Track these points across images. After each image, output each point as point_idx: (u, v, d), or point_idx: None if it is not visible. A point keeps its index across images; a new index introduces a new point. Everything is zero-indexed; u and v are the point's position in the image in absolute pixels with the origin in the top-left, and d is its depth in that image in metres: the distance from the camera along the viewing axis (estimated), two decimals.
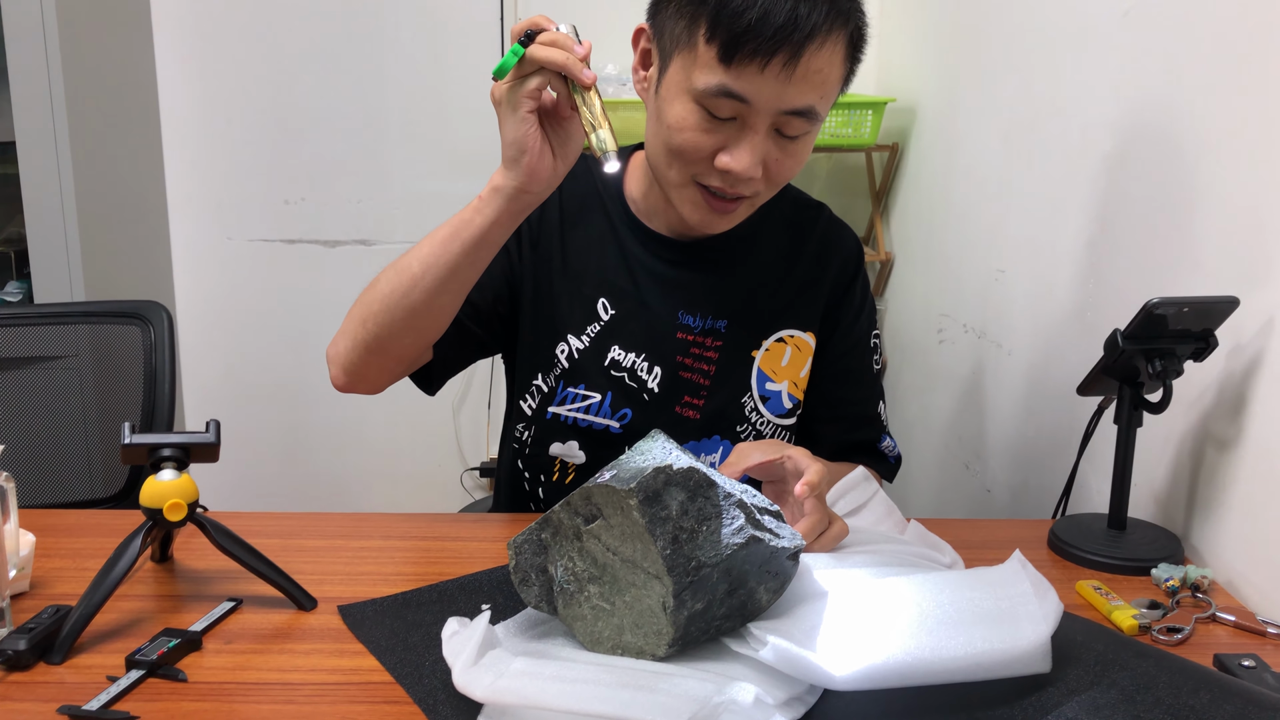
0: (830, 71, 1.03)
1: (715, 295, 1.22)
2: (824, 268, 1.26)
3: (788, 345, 1.24)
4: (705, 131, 1.05)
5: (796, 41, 0.98)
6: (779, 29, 0.98)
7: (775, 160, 1.07)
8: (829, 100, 1.06)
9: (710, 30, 1.00)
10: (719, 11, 0.99)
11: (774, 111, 1.02)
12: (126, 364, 1.64)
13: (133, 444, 0.90)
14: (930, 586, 0.82)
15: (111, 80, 2.29)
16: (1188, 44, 1.16)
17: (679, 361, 1.21)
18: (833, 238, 1.28)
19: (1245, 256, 1.05)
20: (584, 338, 1.21)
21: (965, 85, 1.90)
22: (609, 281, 1.22)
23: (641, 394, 1.21)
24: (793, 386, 1.25)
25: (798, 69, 1.00)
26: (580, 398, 1.21)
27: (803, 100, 1.02)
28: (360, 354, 1.11)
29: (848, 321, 1.28)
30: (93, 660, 0.84)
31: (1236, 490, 1.04)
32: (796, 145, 1.07)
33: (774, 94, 1.01)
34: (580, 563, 0.83)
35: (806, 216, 1.28)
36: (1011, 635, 0.76)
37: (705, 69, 1.02)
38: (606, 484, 0.80)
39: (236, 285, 2.59)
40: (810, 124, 1.05)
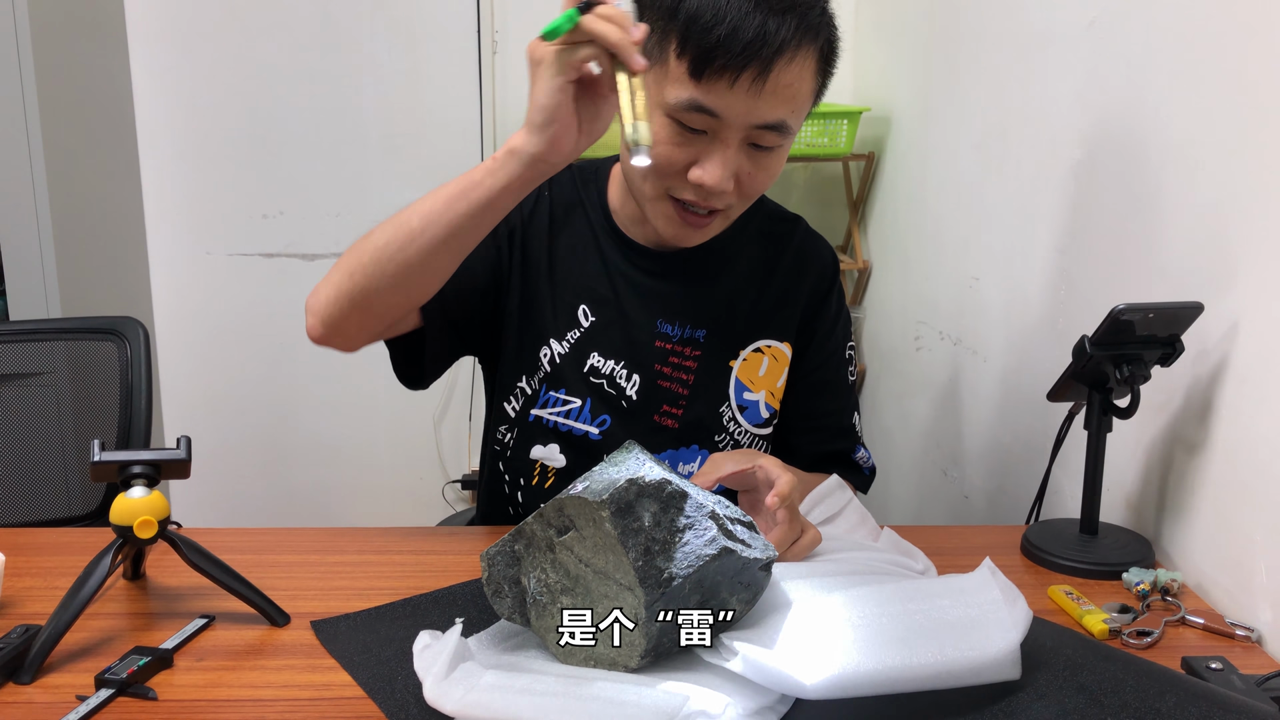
0: (801, 85, 1.03)
1: (694, 305, 1.23)
2: (800, 279, 1.27)
3: (765, 355, 1.25)
4: (677, 145, 1.05)
5: (765, 57, 0.99)
6: (748, 44, 0.98)
7: (748, 174, 1.07)
8: (801, 113, 1.06)
9: (680, 45, 1.01)
10: (688, 27, 1.00)
11: (745, 126, 1.03)
12: (103, 380, 1.64)
13: (102, 462, 0.90)
14: (901, 594, 0.83)
15: (86, 94, 2.29)
16: (1151, 53, 1.18)
17: (657, 370, 1.22)
18: (809, 250, 1.29)
19: (1209, 263, 1.06)
20: (565, 343, 1.22)
21: (938, 95, 1.91)
22: (589, 289, 1.22)
23: (620, 401, 1.22)
24: (770, 396, 1.25)
25: (767, 84, 1.00)
26: (561, 402, 1.22)
27: (773, 114, 1.03)
28: (343, 306, 1.06)
29: (823, 333, 1.28)
30: (62, 680, 0.84)
31: (1205, 493, 1.05)
32: (769, 158, 1.08)
33: (744, 109, 1.02)
34: (553, 574, 0.83)
35: (783, 229, 1.29)
36: (981, 643, 0.77)
37: (676, 84, 1.02)
38: (579, 495, 0.80)
39: (215, 300, 2.58)
40: (782, 137, 1.06)
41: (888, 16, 2.24)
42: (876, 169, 2.29)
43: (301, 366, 2.57)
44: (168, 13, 2.43)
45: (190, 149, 2.50)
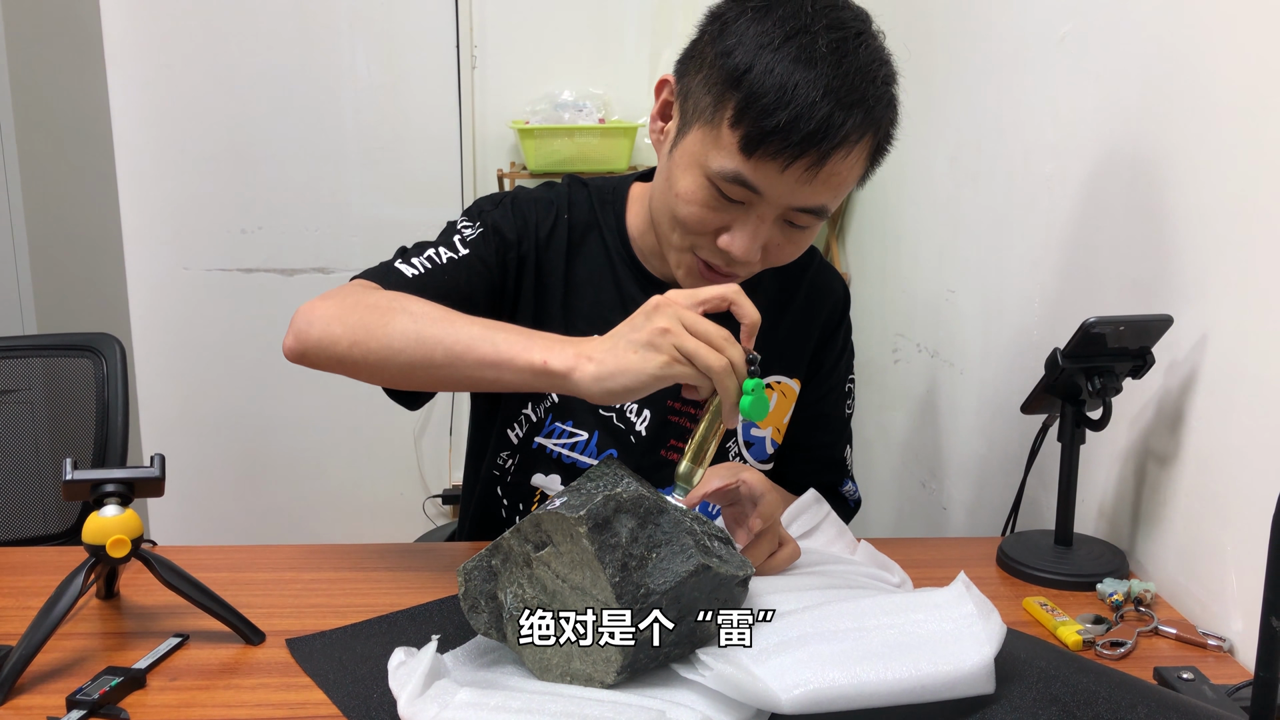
0: (850, 175, 1.01)
1: None
2: (813, 314, 1.26)
3: (774, 391, 1.24)
4: (712, 209, 1.03)
5: (824, 150, 0.95)
6: (808, 135, 0.94)
7: (776, 245, 1.05)
8: (842, 197, 1.04)
9: (736, 117, 0.96)
10: (749, 102, 0.95)
11: (785, 206, 1.01)
12: (79, 397, 1.63)
13: (74, 480, 0.89)
14: (875, 609, 0.83)
15: (63, 108, 2.28)
16: (1120, 68, 1.19)
17: (669, 406, 1.20)
18: (822, 284, 1.28)
19: (1179, 275, 1.07)
20: None
21: (914, 108, 1.92)
22: (604, 318, 1.17)
23: (629, 435, 1.20)
24: (775, 433, 1.26)
25: (820, 175, 0.97)
26: (567, 434, 1.19)
27: (816, 200, 1.01)
28: (330, 359, 1.02)
29: (828, 366, 1.28)
30: (33, 701, 0.83)
31: (1177, 504, 1.06)
32: (802, 235, 1.06)
33: (789, 192, 0.99)
34: (530, 590, 0.83)
35: (798, 262, 1.24)
36: (955, 657, 0.77)
37: (723, 152, 0.99)
38: (556, 511, 0.80)
39: (194, 315, 2.57)
40: (817, 221, 1.04)
41: None
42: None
43: (281, 382, 2.56)
44: (144, 27, 2.43)
45: (168, 163, 2.49)
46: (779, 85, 0.94)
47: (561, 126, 2.31)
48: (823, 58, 0.94)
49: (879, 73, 0.99)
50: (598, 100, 2.45)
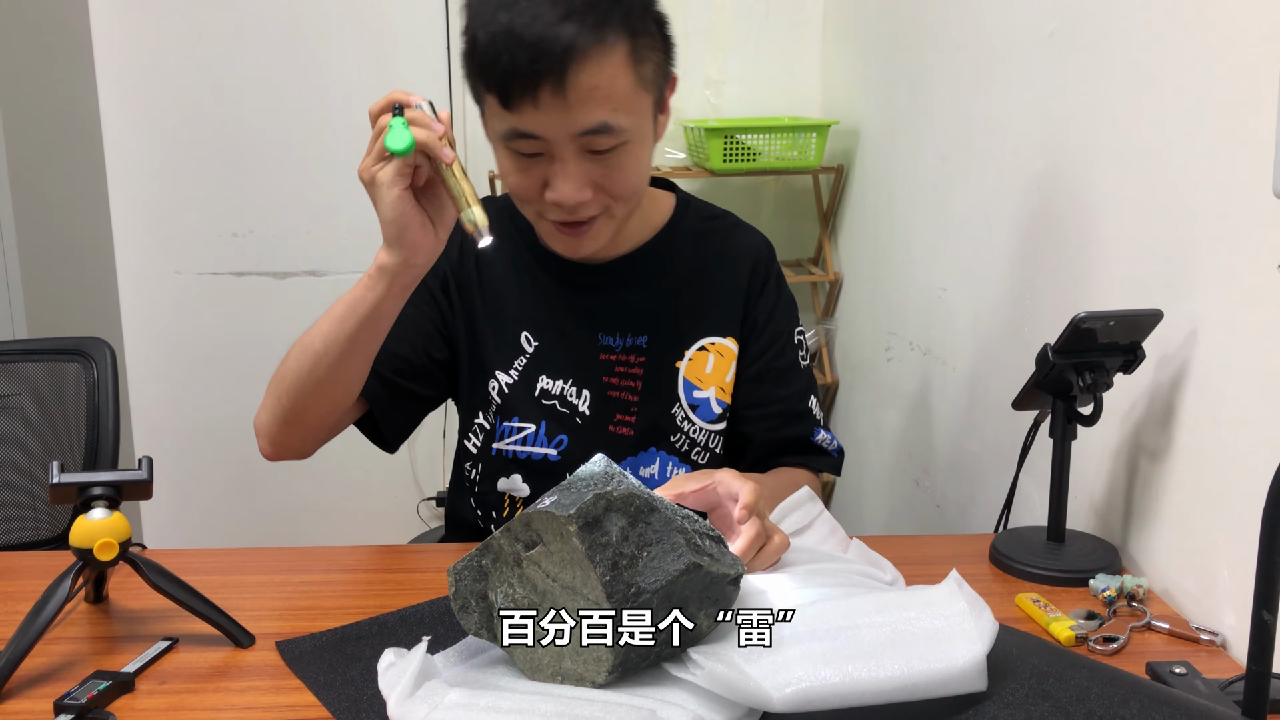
0: (612, 84, 1.02)
1: (632, 313, 1.24)
2: (735, 273, 1.28)
3: (710, 352, 1.26)
4: (524, 171, 1.08)
5: (556, 69, 0.99)
6: (533, 62, 0.99)
7: (603, 176, 1.08)
8: (629, 109, 1.05)
9: (485, 82, 1.04)
10: (479, 63, 1.03)
11: (569, 137, 1.04)
12: (70, 401, 1.62)
13: (61, 484, 0.89)
14: (867, 607, 0.83)
15: (52, 112, 2.27)
16: (1109, 63, 1.19)
17: (606, 382, 1.23)
18: (740, 243, 1.30)
19: (1168, 270, 1.07)
20: (512, 372, 1.24)
21: (904, 107, 1.93)
22: (528, 315, 1.24)
23: (574, 419, 1.23)
24: (720, 391, 1.26)
25: (570, 93, 1.01)
26: (516, 430, 1.24)
27: (590, 120, 1.03)
28: (280, 426, 1.16)
29: (764, 320, 1.28)
30: (21, 706, 0.83)
31: (1169, 499, 1.06)
32: (617, 157, 1.07)
33: (558, 123, 1.02)
34: (520, 589, 0.83)
35: (712, 227, 1.30)
36: (947, 655, 0.77)
37: (496, 117, 1.06)
38: (546, 510, 0.80)
39: (186, 319, 2.56)
40: (616, 137, 1.05)
41: (855, 29, 2.25)
42: (846, 181, 2.31)
43: None
44: (134, 31, 2.42)
45: (158, 167, 2.48)
46: (491, 34, 1.01)
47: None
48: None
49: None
50: None
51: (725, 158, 2.23)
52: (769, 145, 2.25)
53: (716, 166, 2.24)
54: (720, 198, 2.55)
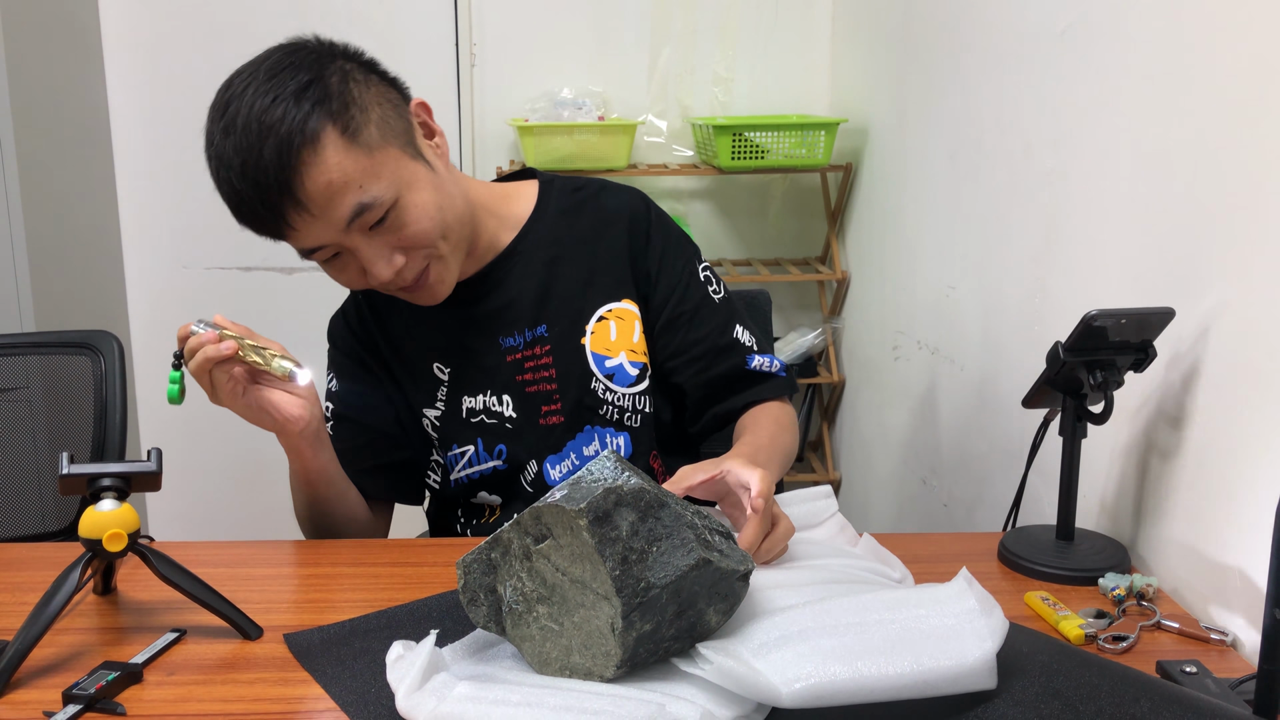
0: (340, 170, 1.02)
1: (524, 307, 1.24)
2: (610, 236, 1.26)
3: (609, 320, 1.25)
4: (340, 272, 1.12)
5: (283, 199, 1.02)
6: (262, 207, 1.02)
7: (399, 239, 1.08)
8: (376, 176, 1.04)
9: (250, 229, 1.09)
10: (236, 218, 1.07)
11: (339, 232, 1.05)
12: (77, 395, 1.62)
13: (70, 474, 0.89)
14: (877, 604, 0.83)
15: (61, 106, 2.27)
16: (1121, 61, 1.19)
17: (521, 381, 1.24)
18: (608, 204, 1.27)
19: (1180, 268, 1.06)
20: (438, 404, 1.26)
21: (914, 105, 1.93)
22: (432, 346, 1.26)
23: (505, 425, 1.24)
24: (631, 354, 1.25)
25: (311, 207, 1.03)
26: (458, 457, 1.26)
27: (345, 211, 1.04)
28: (316, 535, 1.25)
29: (655, 271, 1.26)
30: (29, 696, 0.83)
31: (1179, 498, 1.06)
32: (398, 219, 1.07)
33: (320, 231, 1.05)
34: (529, 583, 0.83)
35: (577, 199, 1.28)
36: (957, 652, 0.76)
37: (284, 247, 1.10)
38: (557, 504, 0.79)
39: (192, 313, 2.52)
40: (382, 206, 1.05)
41: (864, 28, 2.25)
42: (854, 180, 2.31)
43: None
44: (143, 25, 2.42)
45: (167, 161, 2.49)
46: (224, 193, 1.06)
47: (561, 124, 2.31)
48: (223, 135, 1.03)
49: (271, 94, 1.02)
50: (597, 98, 2.45)
51: (733, 155, 2.23)
52: (777, 143, 2.25)
53: (724, 164, 2.23)
54: (728, 195, 2.55)
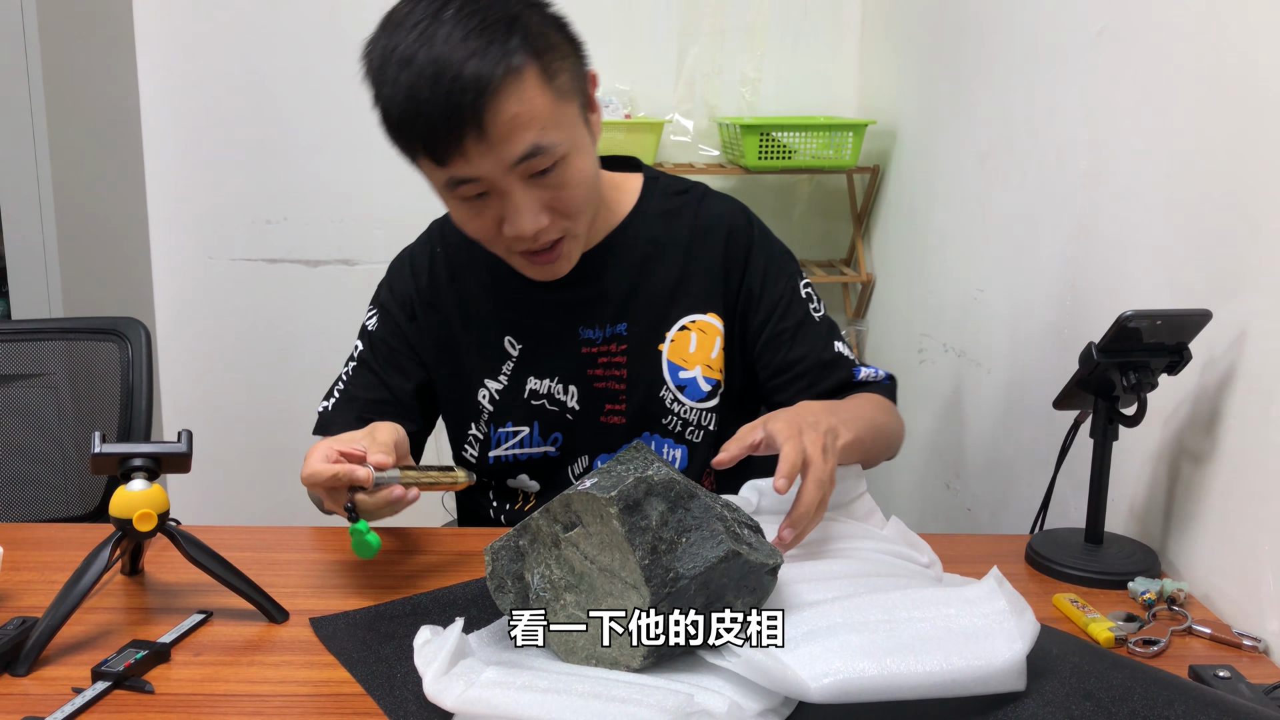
0: (530, 106, 1.00)
1: (609, 302, 1.22)
2: (707, 248, 1.24)
3: (691, 330, 1.23)
4: (477, 214, 1.07)
5: (470, 116, 0.98)
6: (447, 119, 0.98)
7: (552, 198, 1.06)
8: (557, 124, 1.03)
9: (409, 147, 1.04)
10: (399, 131, 1.02)
11: (505, 171, 1.02)
12: (104, 380, 1.63)
13: (103, 454, 0.89)
14: (906, 602, 0.82)
15: (93, 97, 2.29)
16: (1158, 62, 1.18)
17: (591, 375, 1.23)
18: (709, 214, 1.25)
19: (1217, 270, 1.05)
20: (500, 378, 1.24)
21: (943, 107, 1.92)
22: (508, 319, 1.24)
23: (565, 415, 1.23)
24: (706, 369, 1.23)
25: (491, 134, 0.99)
26: (511, 435, 1.24)
27: (520, 149, 1.01)
28: None
29: (758, 288, 1.24)
30: (58, 672, 0.83)
31: (1212, 503, 1.04)
32: (560, 175, 1.05)
33: (491, 163, 1.01)
34: (558, 570, 0.83)
35: (681, 202, 1.26)
36: (987, 653, 0.76)
37: (432, 172, 1.06)
38: (587, 491, 0.79)
39: (217, 304, 2.58)
40: (553, 155, 1.03)
41: (893, 29, 2.24)
42: (881, 181, 2.30)
43: (302, 371, 2.56)
44: (175, 17, 2.44)
45: (195, 153, 2.50)
46: (400, 101, 0.99)
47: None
48: (416, 45, 0.98)
49: (478, 17, 0.98)
50: (624, 96, 2.45)
51: (760, 155, 2.22)
52: (805, 144, 2.24)
53: (751, 164, 2.23)
54: (754, 196, 2.54)
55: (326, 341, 2.57)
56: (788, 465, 0.92)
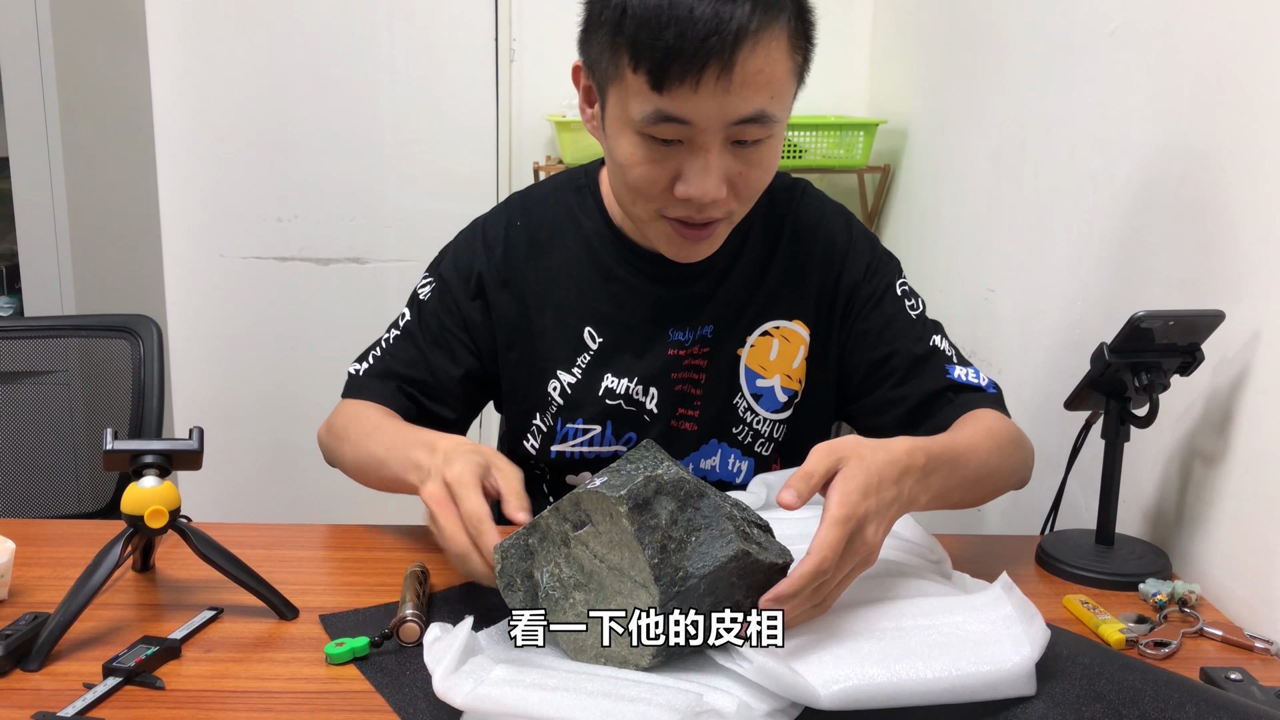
0: (774, 69, 0.94)
1: (702, 302, 1.16)
2: (806, 251, 1.18)
3: (774, 338, 1.18)
4: (656, 162, 0.98)
5: (725, 50, 0.90)
6: (703, 41, 0.89)
7: (740, 174, 0.99)
8: (783, 98, 0.97)
9: (633, 57, 0.93)
10: (637, 36, 0.92)
11: (722, 126, 0.94)
12: (115, 378, 1.64)
13: (115, 450, 0.89)
14: (914, 610, 0.82)
15: (106, 96, 2.30)
16: (1172, 62, 1.17)
17: (674, 378, 1.17)
18: (810, 215, 1.19)
19: (1230, 270, 1.05)
20: (575, 370, 1.17)
21: (955, 107, 1.91)
22: (591, 309, 1.16)
23: (641, 416, 1.17)
24: (786, 379, 1.18)
25: (735, 77, 0.91)
26: (581, 432, 1.17)
27: (749, 107, 0.93)
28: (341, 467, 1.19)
29: (853, 290, 1.18)
30: (70, 668, 0.84)
31: (1224, 505, 1.04)
32: (760, 153, 0.99)
33: (716, 109, 0.93)
34: (567, 569, 0.83)
35: (782, 199, 1.20)
36: (996, 658, 0.76)
37: (638, 98, 0.95)
38: (596, 490, 0.79)
39: (228, 302, 2.59)
40: (767, 129, 0.96)
41: (905, 29, 2.24)
42: (892, 181, 2.29)
43: (313, 368, 2.57)
44: (188, 16, 2.45)
45: (207, 151, 2.51)
46: (655, 6, 0.90)
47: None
48: None
49: None
50: None
51: None
52: (815, 143, 2.24)
53: None
54: None
55: (337, 339, 2.58)
56: (823, 553, 0.78)
